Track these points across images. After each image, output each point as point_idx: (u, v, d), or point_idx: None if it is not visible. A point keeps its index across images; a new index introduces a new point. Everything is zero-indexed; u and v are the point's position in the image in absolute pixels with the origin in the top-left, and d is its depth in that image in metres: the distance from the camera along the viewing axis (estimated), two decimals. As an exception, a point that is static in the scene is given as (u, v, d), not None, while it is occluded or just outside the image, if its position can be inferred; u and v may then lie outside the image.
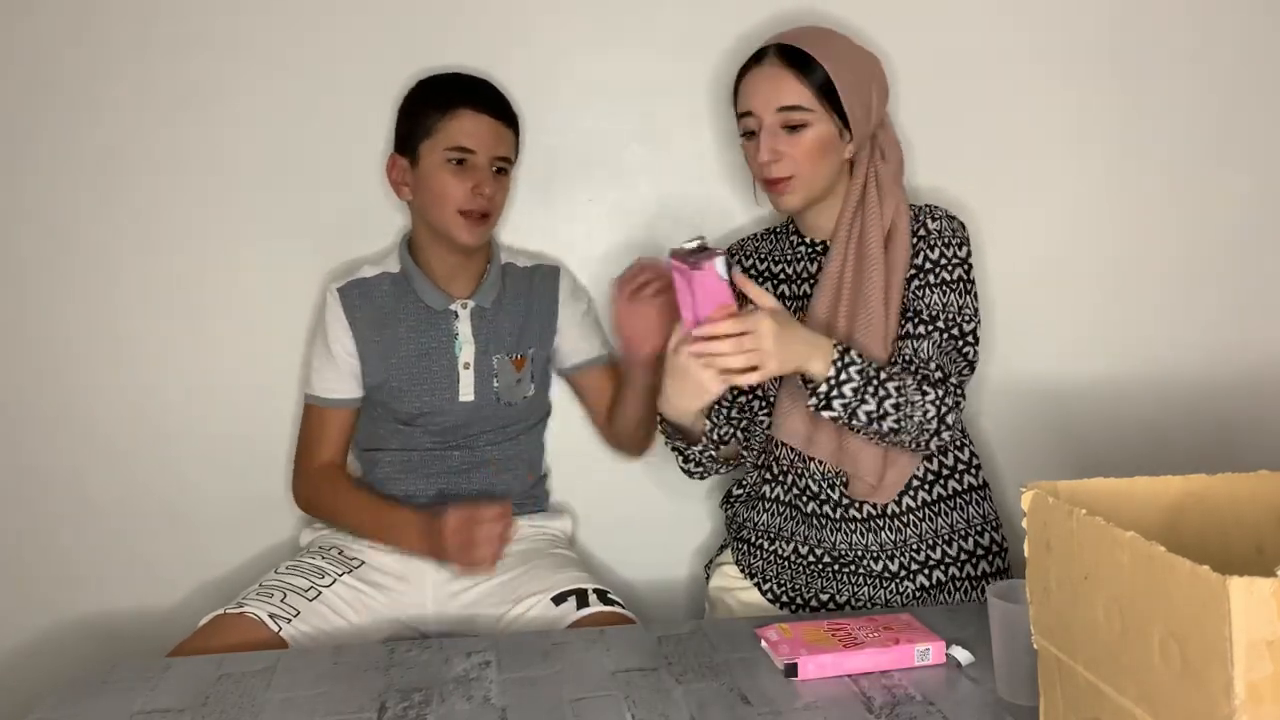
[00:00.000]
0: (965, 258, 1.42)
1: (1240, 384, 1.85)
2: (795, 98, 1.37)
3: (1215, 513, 0.92)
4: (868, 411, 1.27)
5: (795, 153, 1.38)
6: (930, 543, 1.43)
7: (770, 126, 1.38)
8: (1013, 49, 1.77)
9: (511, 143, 1.58)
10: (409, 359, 1.57)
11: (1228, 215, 1.83)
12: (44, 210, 1.67)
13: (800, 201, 1.42)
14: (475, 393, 1.57)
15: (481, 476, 1.60)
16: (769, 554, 1.50)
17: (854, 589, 1.44)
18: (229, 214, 1.70)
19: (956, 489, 1.45)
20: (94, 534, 1.72)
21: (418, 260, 1.60)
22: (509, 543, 1.44)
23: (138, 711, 1.10)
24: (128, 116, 1.66)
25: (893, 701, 1.07)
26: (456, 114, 1.50)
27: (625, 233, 1.76)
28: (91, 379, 1.70)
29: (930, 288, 1.40)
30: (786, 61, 1.38)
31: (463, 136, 1.50)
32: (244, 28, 1.66)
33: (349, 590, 1.49)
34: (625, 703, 1.09)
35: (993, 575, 1.45)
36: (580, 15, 1.71)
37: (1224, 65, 1.80)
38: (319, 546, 1.58)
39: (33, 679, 1.68)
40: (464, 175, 1.50)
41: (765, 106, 1.38)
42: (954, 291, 1.40)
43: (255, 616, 1.37)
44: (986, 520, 1.47)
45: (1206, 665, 0.68)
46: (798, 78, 1.37)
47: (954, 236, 1.42)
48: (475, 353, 1.58)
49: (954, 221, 1.44)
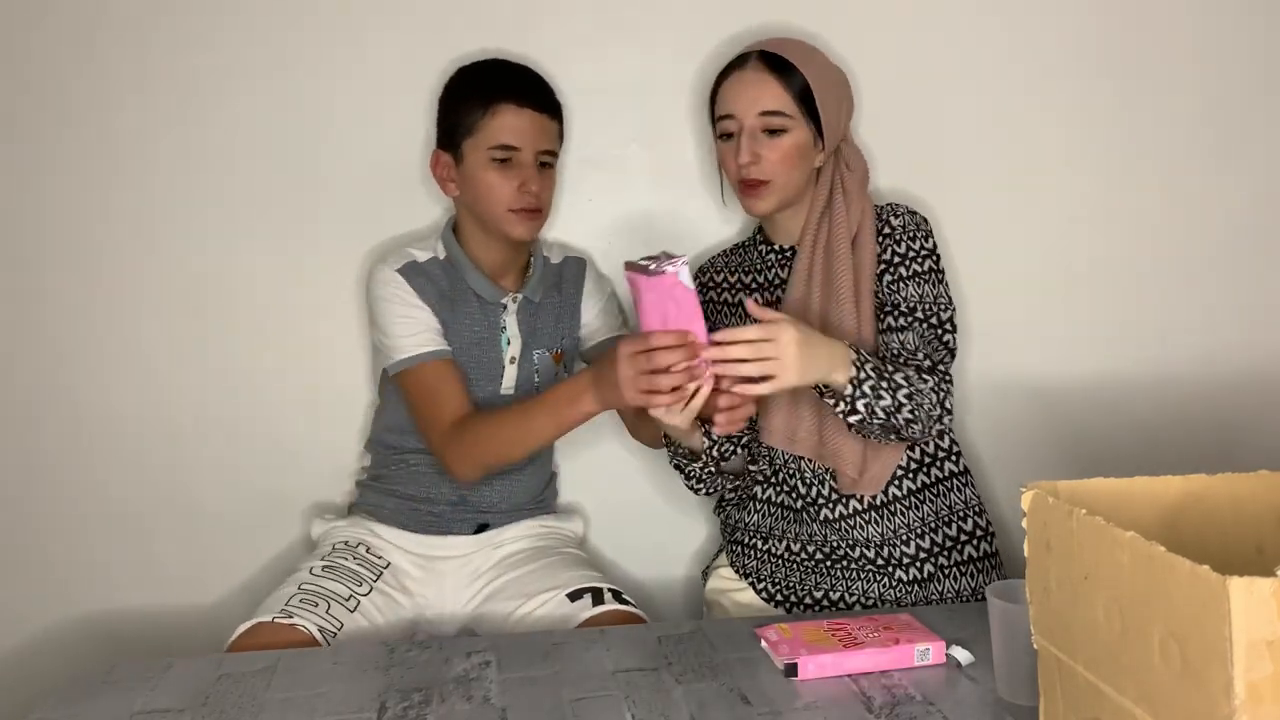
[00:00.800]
0: (932, 249, 1.44)
1: (1240, 384, 1.85)
2: (777, 103, 1.40)
3: (1215, 513, 0.92)
4: (885, 407, 1.28)
5: (773, 156, 1.40)
6: (919, 531, 1.44)
7: (751, 129, 1.41)
8: (1011, 50, 1.77)
9: (555, 134, 1.54)
10: (464, 347, 1.53)
11: (1226, 215, 1.83)
12: (56, 209, 1.67)
13: (773, 206, 1.44)
14: (516, 387, 1.56)
15: (504, 483, 1.58)
16: (762, 553, 1.51)
17: (848, 584, 1.45)
18: (244, 212, 1.70)
19: (939, 476, 1.47)
20: (94, 534, 1.72)
21: (466, 250, 1.56)
22: (695, 380, 1.23)
23: (138, 711, 1.10)
24: (138, 114, 1.66)
25: (893, 701, 1.07)
26: (498, 110, 1.46)
27: (625, 233, 1.76)
28: (101, 377, 1.70)
29: (903, 281, 1.42)
30: (769, 67, 1.41)
31: (506, 134, 1.46)
32: (250, 24, 1.66)
33: (381, 597, 1.47)
34: (625, 703, 1.09)
35: (980, 559, 1.47)
36: (580, 15, 1.71)
37: (1223, 65, 1.80)
38: (344, 542, 1.54)
39: (33, 679, 1.68)
40: (510, 173, 1.47)
41: (747, 110, 1.41)
42: (926, 282, 1.42)
43: (305, 630, 1.33)
44: (969, 505, 1.48)
45: (1206, 665, 0.68)
46: (780, 84, 1.40)
47: (918, 230, 1.44)
48: (520, 347, 1.56)
49: (915, 216, 1.46)
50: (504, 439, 1.44)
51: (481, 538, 1.57)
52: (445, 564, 1.55)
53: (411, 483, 1.57)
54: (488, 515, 1.58)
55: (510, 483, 1.59)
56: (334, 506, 1.71)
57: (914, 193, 1.74)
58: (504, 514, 1.59)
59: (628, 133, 1.74)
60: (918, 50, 1.75)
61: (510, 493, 1.59)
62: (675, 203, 1.76)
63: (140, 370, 1.71)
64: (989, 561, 1.48)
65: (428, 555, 1.55)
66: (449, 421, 1.47)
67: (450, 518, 1.56)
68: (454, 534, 1.56)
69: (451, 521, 1.56)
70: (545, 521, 1.64)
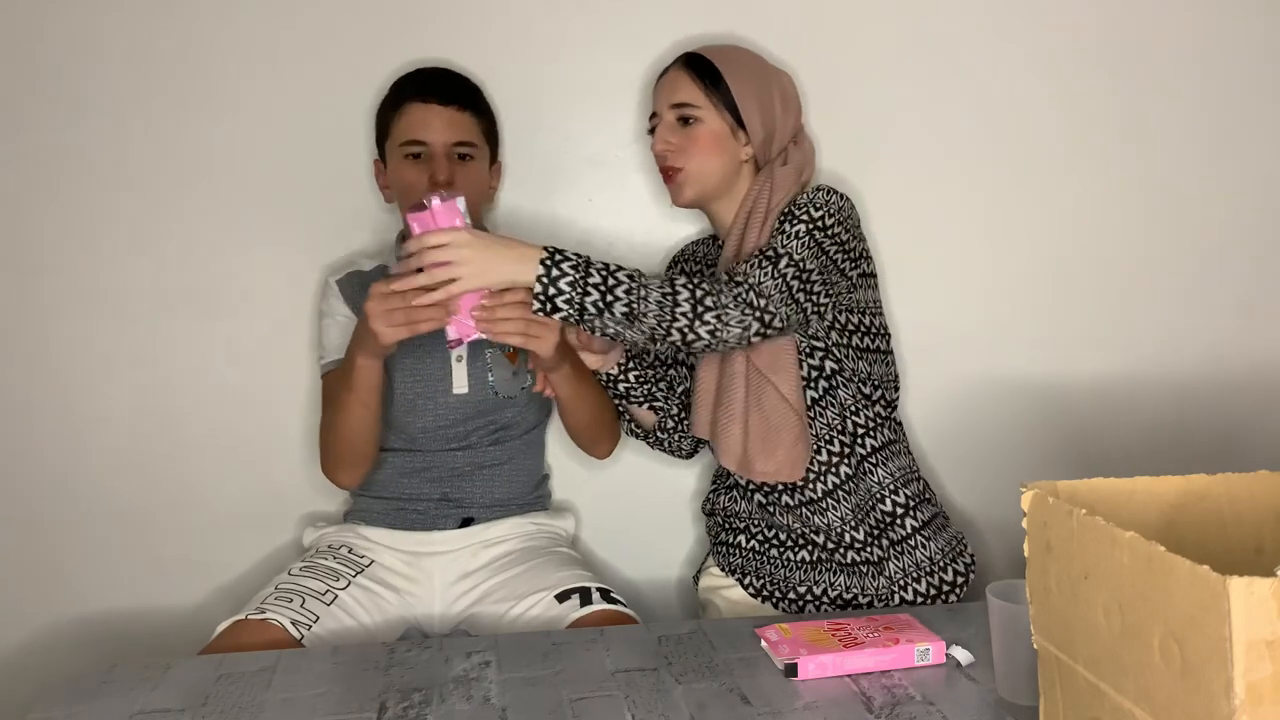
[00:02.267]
0: (819, 218, 1.37)
1: (1240, 384, 1.85)
2: (687, 95, 1.47)
3: (1215, 513, 0.92)
4: (594, 303, 1.26)
5: (686, 144, 1.46)
6: (859, 517, 1.45)
7: (667, 121, 1.49)
8: (1012, 52, 1.77)
9: (472, 127, 1.55)
10: (405, 351, 1.55)
11: (1226, 215, 1.83)
12: (49, 212, 1.67)
13: (692, 194, 1.49)
14: (469, 386, 1.58)
15: (484, 478, 1.60)
16: (746, 551, 1.54)
17: (830, 579, 1.46)
18: (236, 215, 1.69)
19: (862, 454, 1.47)
20: (94, 534, 1.72)
21: None
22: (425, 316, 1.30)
23: (138, 711, 1.10)
24: (131, 118, 1.66)
25: (893, 701, 1.07)
26: (405, 108, 1.52)
27: (625, 233, 1.76)
28: (95, 380, 1.70)
29: (775, 234, 1.38)
30: (685, 65, 1.49)
31: (412, 130, 1.51)
32: (241, 30, 1.66)
33: (362, 592, 1.49)
34: (625, 703, 1.09)
35: (923, 527, 1.47)
36: (579, 14, 1.71)
37: (1224, 65, 1.80)
38: (328, 545, 1.58)
39: (33, 679, 1.68)
40: (421, 167, 1.51)
41: (663, 103, 1.50)
42: (791, 238, 1.35)
43: (277, 623, 1.36)
44: (895, 478, 1.48)
45: (1206, 665, 0.68)
46: (692, 79, 1.47)
47: (813, 199, 1.39)
48: (467, 345, 1.58)
49: (822, 192, 1.41)
50: (328, 424, 1.51)
51: (468, 533, 1.58)
52: (432, 561, 1.55)
53: (393, 483, 1.59)
54: (471, 510, 1.59)
55: (490, 475, 1.60)
56: (330, 515, 1.71)
57: (910, 194, 1.75)
58: (488, 508, 1.60)
59: (628, 133, 1.75)
60: (908, 51, 1.75)
61: (491, 487, 1.60)
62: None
63: (141, 370, 1.71)
64: (935, 524, 1.49)
65: (414, 552, 1.55)
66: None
67: (435, 514, 1.58)
68: (439, 529, 1.57)
69: (436, 518, 1.58)
70: (536, 519, 1.64)
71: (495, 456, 1.60)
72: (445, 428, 1.58)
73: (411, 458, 1.58)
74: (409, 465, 1.59)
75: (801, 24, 1.71)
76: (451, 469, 1.59)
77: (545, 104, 1.71)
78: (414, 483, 1.59)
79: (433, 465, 1.58)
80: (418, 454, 1.58)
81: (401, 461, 1.59)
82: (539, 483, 1.69)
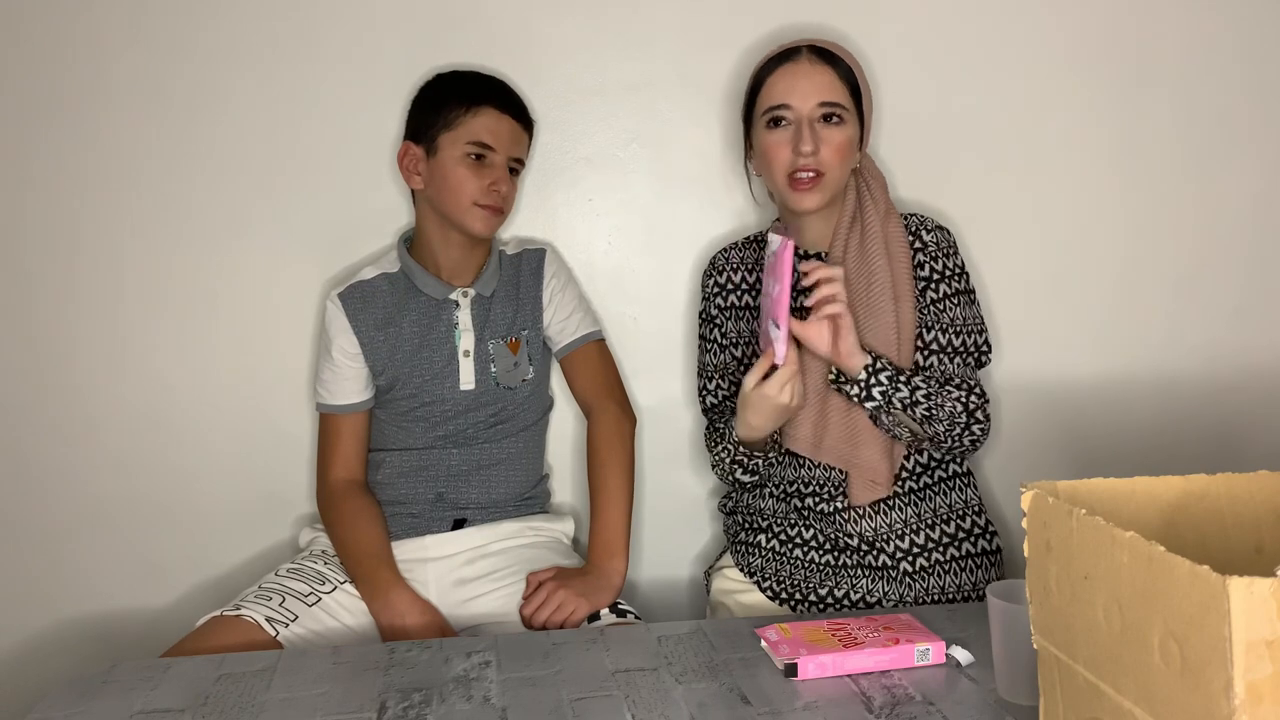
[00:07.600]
0: (962, 266, 1.48)
1: (1240, 384, 1.85)
2: (835, 94, 1.40)
3: (1215, 513, 0.92)
4: (902, 399, 1.33)
5: (830, 148, 1.39)
6: (914, 526, 1.45)
7: (810, 119, 1.39)
8: (1015, 53, 1.77)
9: (526, 145, 1.63)
10: (411, 351, 1.57)
11: (1226, 215, 1.83)
12: (48, 213, 1.67)
13: (822, 201, 1.42)
14: (475, 380, 1.58)
15: (482, 479, 1.60)
16: (766, 551, 1.51)
17: (852, 581, 1.45)
18: (233, 216, 1.70)
19: (942, 476, 1.48)
20: (94, 534, 1.72)
21: (419, 254, 1.61)
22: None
23: (138, 711, 1.10)
24: (132, 119, 1.66)
25: (893, 701, 1.07)
26: (481, 111, 1.53)
27: (625, 233, 1.76)
28: (93, 380, 1.70)
29: (944, 301, 1.44)
30: (824, 61, 1.41)
31: (485, 133, 1.53)
32: (246, 30, 1.66)
33: (349, 598, 1.49)
34: (625, 703, 1.09)
35: (979, 555, 1.47)
36: (580, 14, 1.71)
37: (1225, 66, 1.80)
38: (321, 549, 1.58)
39: (33, 679, 1.68)
40: (482, 171, 1.53)
41: (805, 99, 1.39)
42: (965, 304, 1.46)
43: (252, 619, 1.38)
44: (969, 505, 1.49)
45: (1206, 665, 0.68)
46: (837, 78, 1.41)
47: (950, 246, 1.47)
48: (474, 340, 1.59)
49: (944, 231, 1.48)
50: (336, 542, 1.55)
51: (461, 538, 1.57)
52: (426, 569, 1.54)
53: (389, 485, 1.59)
54: (466, 511, 1.59)
55: (488, 475, 1.60)
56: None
57: (911, 194, 1.75)
58: (483, 509, 1.59)
59: (628, 133, 1.75)
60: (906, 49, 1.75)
61: (487, 488, 1.60)
62: (675, 202, 1.76)
63: (142, 372, 1.71)
64: (989, 559, 1.48)
65: (407, 560, 1.54)
66: (330, 479, 1.59)
67: (429, 517, 1.57)
68: (433, 533, 1.57)
69: (430, 521, 1.57)
70: (533, 523, 1.63)
71: (493, 455, 1.60)
72: (447, 422, 1.58)
73: (407, 456, 1.58)
74: (406, 465, 1.58)
75: (802, 24, 1.71)
76: (448, 468, 1.58)
77: (546, 104, 1.71)
78: (409, 483, 1.58)
79: (429, 465, 1.58)
80: (413, 452, 1.58)
81: (398, 461, 1.59)
82: (537, 482, 1.68)
